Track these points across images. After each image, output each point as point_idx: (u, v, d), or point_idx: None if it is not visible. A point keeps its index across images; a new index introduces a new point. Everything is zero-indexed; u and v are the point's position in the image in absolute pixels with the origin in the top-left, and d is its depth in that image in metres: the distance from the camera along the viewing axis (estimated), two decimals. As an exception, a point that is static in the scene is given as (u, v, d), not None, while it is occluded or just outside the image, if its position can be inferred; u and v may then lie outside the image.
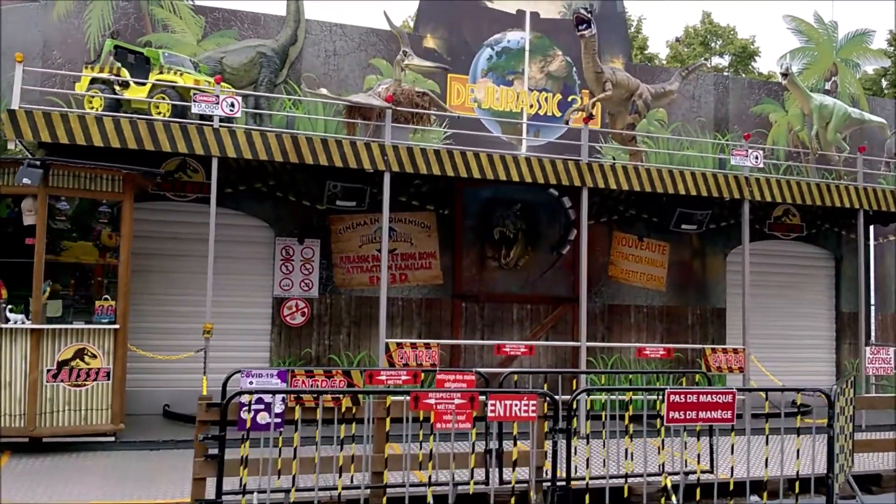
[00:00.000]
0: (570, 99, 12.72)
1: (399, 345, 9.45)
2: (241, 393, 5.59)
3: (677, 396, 6.43)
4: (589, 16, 10.06)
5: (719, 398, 6.55)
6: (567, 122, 11.23)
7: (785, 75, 12.11)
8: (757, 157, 11.25)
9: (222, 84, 9.35)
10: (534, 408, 5.93)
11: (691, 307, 13.26)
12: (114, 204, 8.60)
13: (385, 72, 11.59)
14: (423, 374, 7.74)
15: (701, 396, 6.50)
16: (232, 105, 8.74)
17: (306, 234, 11.43)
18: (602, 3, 13.14)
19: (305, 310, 11.27)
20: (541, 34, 12.47)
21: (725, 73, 14.91)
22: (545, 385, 10.52)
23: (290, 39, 11.24)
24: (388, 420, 6.21)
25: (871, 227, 14.70)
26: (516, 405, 5.90)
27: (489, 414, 5.74)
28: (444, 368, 9.47)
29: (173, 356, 9.28)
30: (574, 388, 12.01)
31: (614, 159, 11.97)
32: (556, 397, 6.05)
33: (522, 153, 11.07)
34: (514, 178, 9.95)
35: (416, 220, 11.88)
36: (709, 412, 6.49)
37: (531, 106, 12.53)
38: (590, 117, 10.54)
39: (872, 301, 14.53)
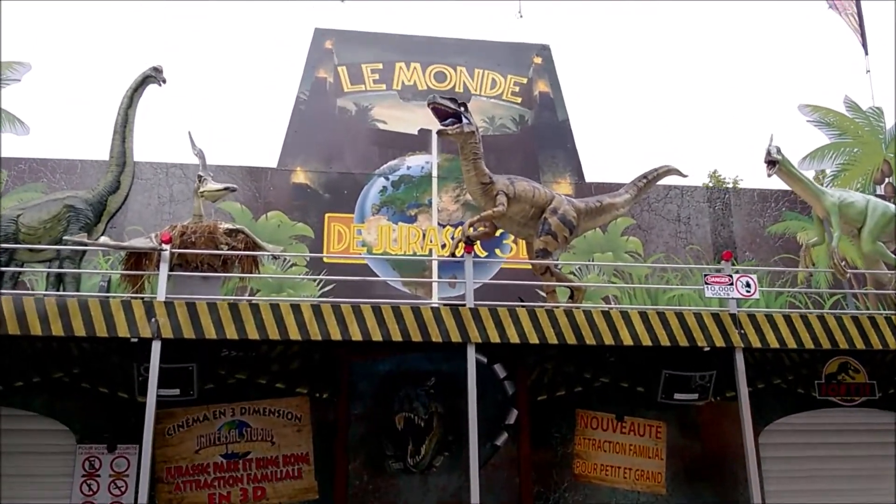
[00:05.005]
0: (499, 233, 9.82)
1: None
2: None
3: None
4: (455, 107, 7.52)
5: None
6: (454, 255, 8.36)
7: (772, 164, 8.87)
8: (749, 285, 7.93)
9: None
10: None
11: (710, 515, 9.32)
12: None
13: (238, 216, 9.26)
14: None
15: None
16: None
17: (120, 439, 8.88)
18: (537, 112, 10.61)
19: (113, 547, 8.30)
20: (453, 155, 9.98)
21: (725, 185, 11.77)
22: None
23: (111, 187, 9.42)
24: None
25: None
26: None
27: None
28: None
29: None
30: None
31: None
32: None
33: (408, 302, 8.21)
34: (356, 336, 7.48)
35: (280, 410, 9.22)
36: None
37: (443, 246, 9.72)
38: (469, 244, 7.62)
39: None
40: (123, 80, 9.98)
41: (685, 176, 10.47)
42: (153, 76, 9.82)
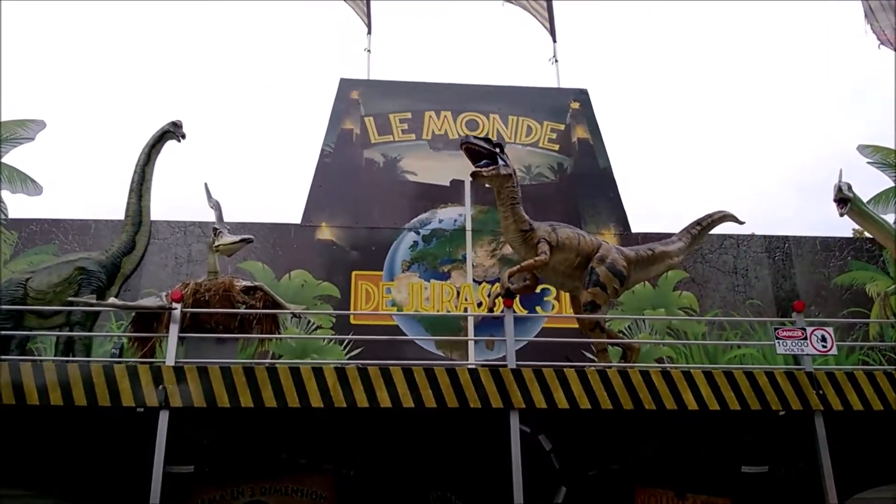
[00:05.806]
0: (539, 289, 9.12)
1: None
2: None
3: None
4: (490, 147, 6.94)
5: None
6: (491, 311, 7.66)
7: (843, 202, 8.10)
8: (825, 340, 7.07)
9: None
10: None
11: None
12: None
13: (259, 276, 8.70)
14: None
15: None
16: None
17: (128, 520, 7.93)
18: (576, 160, 10.04)
19: None
20: (489, 207, 9.40)
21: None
22: None
23: (125, 247, 8.93)
24: None
25: None
26: None
27: None
28: None
29: None
30: None
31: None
32: None
33: (442, 364, 7.50)
34: (385, 402, 6.86)
35: (303, 490, 8.42)
36: None
37: (479, 304, 9.05)
38: (509, 298, 6.91)
39: None
40: (141, 136, 9.60)
41: (742, 223, 9.66)
42: (172, 131, 9.42)
